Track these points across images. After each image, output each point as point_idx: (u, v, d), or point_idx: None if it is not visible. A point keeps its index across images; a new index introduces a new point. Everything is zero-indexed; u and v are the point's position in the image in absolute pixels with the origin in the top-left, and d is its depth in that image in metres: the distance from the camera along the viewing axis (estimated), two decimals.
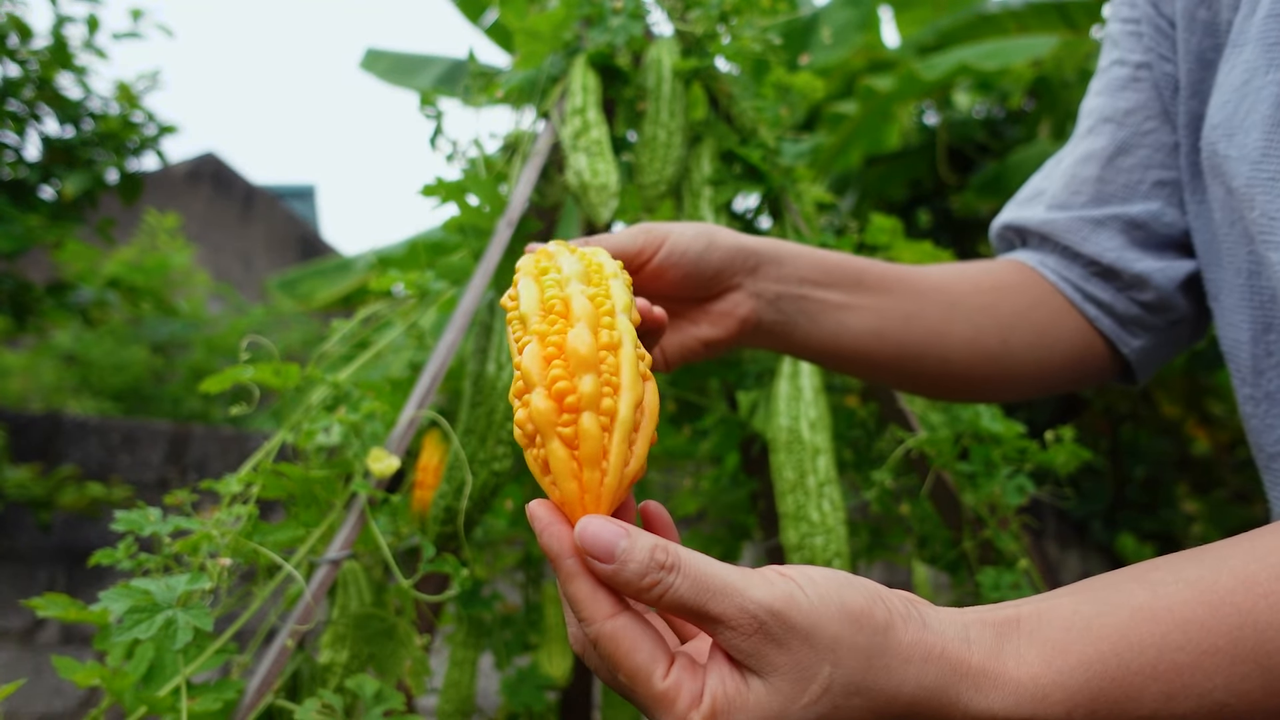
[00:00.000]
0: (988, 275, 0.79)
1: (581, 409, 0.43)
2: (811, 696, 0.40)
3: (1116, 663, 0.44)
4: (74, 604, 0.75)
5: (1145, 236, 0.77)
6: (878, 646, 0.41)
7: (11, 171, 2.82)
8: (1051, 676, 0.43)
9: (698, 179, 1.13)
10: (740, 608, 0.40)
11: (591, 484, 0.43)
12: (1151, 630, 0.44)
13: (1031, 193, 0.86)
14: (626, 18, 1.14)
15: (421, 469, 1.05)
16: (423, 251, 1.14)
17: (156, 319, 5.17)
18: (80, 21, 2.83)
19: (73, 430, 3.21)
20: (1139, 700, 0.43)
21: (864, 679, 0.41)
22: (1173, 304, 0.79)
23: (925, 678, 0.42)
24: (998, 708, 0.43)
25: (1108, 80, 0.80)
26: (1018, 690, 0.43)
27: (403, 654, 0.89)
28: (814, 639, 0.40)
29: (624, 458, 0.44)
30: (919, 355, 0.75)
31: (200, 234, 8.88)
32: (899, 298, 0.74)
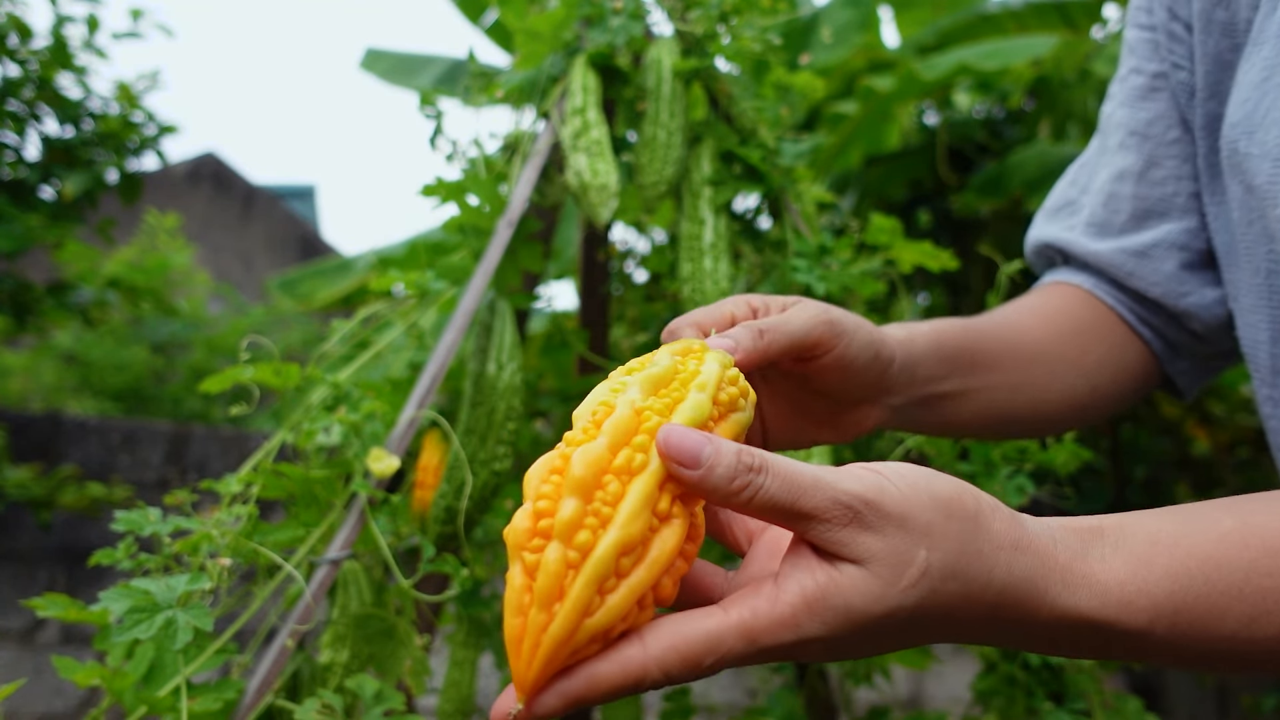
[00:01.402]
0: (1067, 319, 0.78)
1: (551, 537, 0.37)
2: (910, 580, 0.39)
3: (1203, 579, 0.44)
4: (74, 604, 0.75)
5: (1191, 257, 0.77)
6: (969, 532, 0.41)
7: (11, 171, 2.82)
8: (1137, 584, 0.43)
9: (698, 179, 1.13)
10: (833, 499, 0.39)
11: (533, 627, 0.36)
12: (1240, 554, 0.44)
13: (1063, 202, 0.85)
14: (626, 18, 1.14)
15: (422, 469, 1.05)
16: (423, 251, 1.14)
17: (157, 319, 5.17)
18: (80, 21, 2.83)
19: (73, 430, 3.21)
20: (1222, 619, 0.43)
21: (958, 563, 0.40)
22: (1220, 338, 0.79)
23: (1015, 566, 0.42)
24: (1084, 607, 0.42)
25: (1128, 90, 0.80)
26: (1104, 593, 0.43)
27: (403, 654, 0.89)
28: (908, 525, 0.40)
29: (584, 605, 0.36)
30: (1018, 420, 0.75)
31: (200, 234, 8.88)
32: (1006, 372, 0.72)
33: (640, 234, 1.37)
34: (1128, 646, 0.44)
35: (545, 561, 0.37)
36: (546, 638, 0.36)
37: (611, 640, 0.38)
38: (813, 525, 0.40)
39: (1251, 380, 0.71)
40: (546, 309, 1.29)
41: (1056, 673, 1.01)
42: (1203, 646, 0.44)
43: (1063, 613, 0.42)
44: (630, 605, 0.38)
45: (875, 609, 0.39)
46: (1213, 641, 0.44)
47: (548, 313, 1.63)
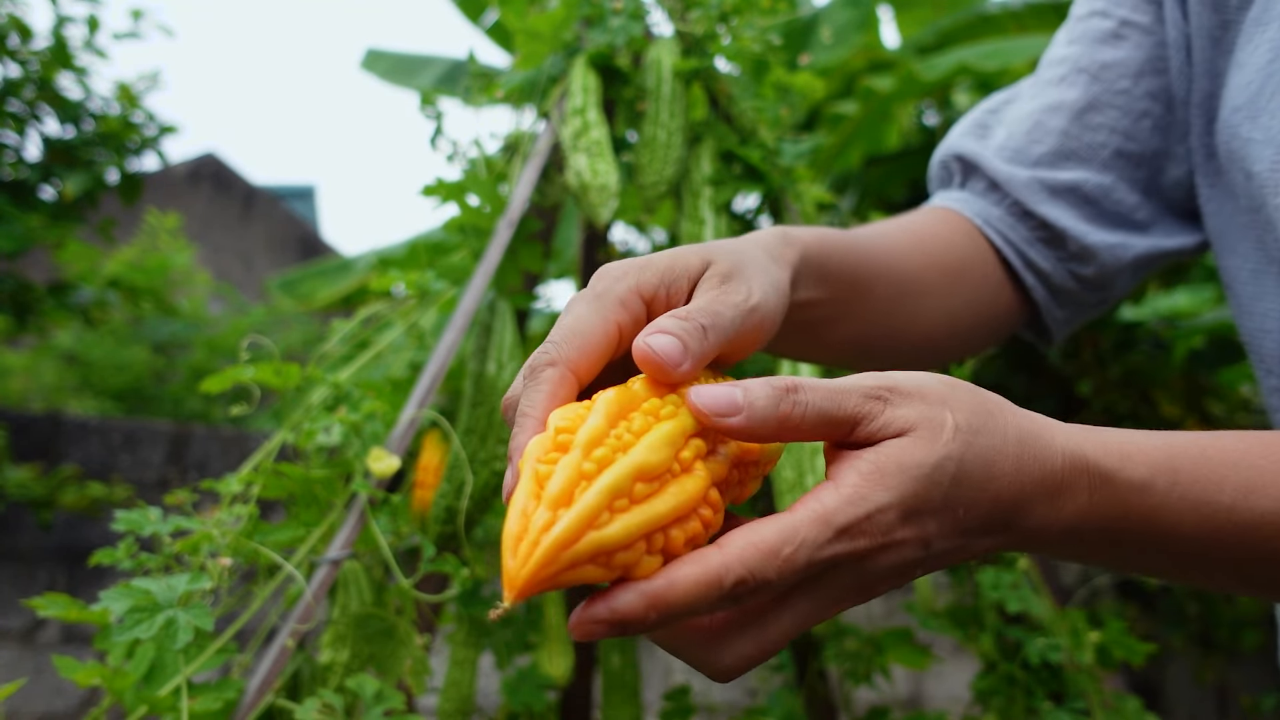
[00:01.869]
0: (948, 252, 0.74)
1: (569, 449, 0.37)
2: (949, 434, 0.42)
3: (1198, 451, 0.46)
4: (75, 604, 0.75)
5: (1096, 212, 0.75)
6: (978, 398, 0.44)
7: (12, 171, 2.82)
8: (1136, 443, 0.46)
9: (698, 179, 1.13)
10: (864, 393, 0.42)
11: (535, 526, 0.35)
12: (1234, 443, 0.47)
13: (983, 122, 0.81)
14: (626, 18, 1.14)
15: (422, 469, 1.05)
16: (423, 252, 1.14)
17: (157, 319, 5.17)
18: (80, 22, 2.83)
19: (73, 430, 3.21)
20: (1220, 486, 0.45)
21: (978, 419, 0.43)
22: (1110, 283, 0.77)
23: (1023, 421, 0.45)
24: (1088, 449, 0.45)
25: (1085, 30, 0.77)
26: (1104, 444, 0.46)
27: (403, 654, 0.89)
28: (928, 397, 0.43)
29: (593, 513, 0.35)
30: (876, 352, 0.74)
31: (200, 234, 8.88)
32: (878, 299, 0.69)
33: (640, 234, 1.37)
34: (1131, 506, 0.45)
35: (559, 466, 0.36)
36: (548, 537, 0.34)
37: (613, 568, 0.36)
38: (857, 427, 0.42)
39: (1254, 370, 0.70)
40: (546, 309, 1.30)
41: (1056, 672, 1.01)
42: (1204, 517, 0.45)
43: (1070, 453, 0.44)
44: (638, 532, 0.36)
45: (929, 459, 0.41)
46: (1213, 512, 0.45)
47: (548, 313, 1.63)
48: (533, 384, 0.43)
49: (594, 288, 0.46)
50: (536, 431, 0.41)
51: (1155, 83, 0.74)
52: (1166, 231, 0.77)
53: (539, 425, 0.41)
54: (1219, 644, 3.04)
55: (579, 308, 0.45)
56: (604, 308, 0.45)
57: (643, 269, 0.47)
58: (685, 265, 0.48)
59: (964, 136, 0.81)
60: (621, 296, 0.46)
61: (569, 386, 0.43)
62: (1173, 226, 0.77)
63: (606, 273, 0.47)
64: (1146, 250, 0.76)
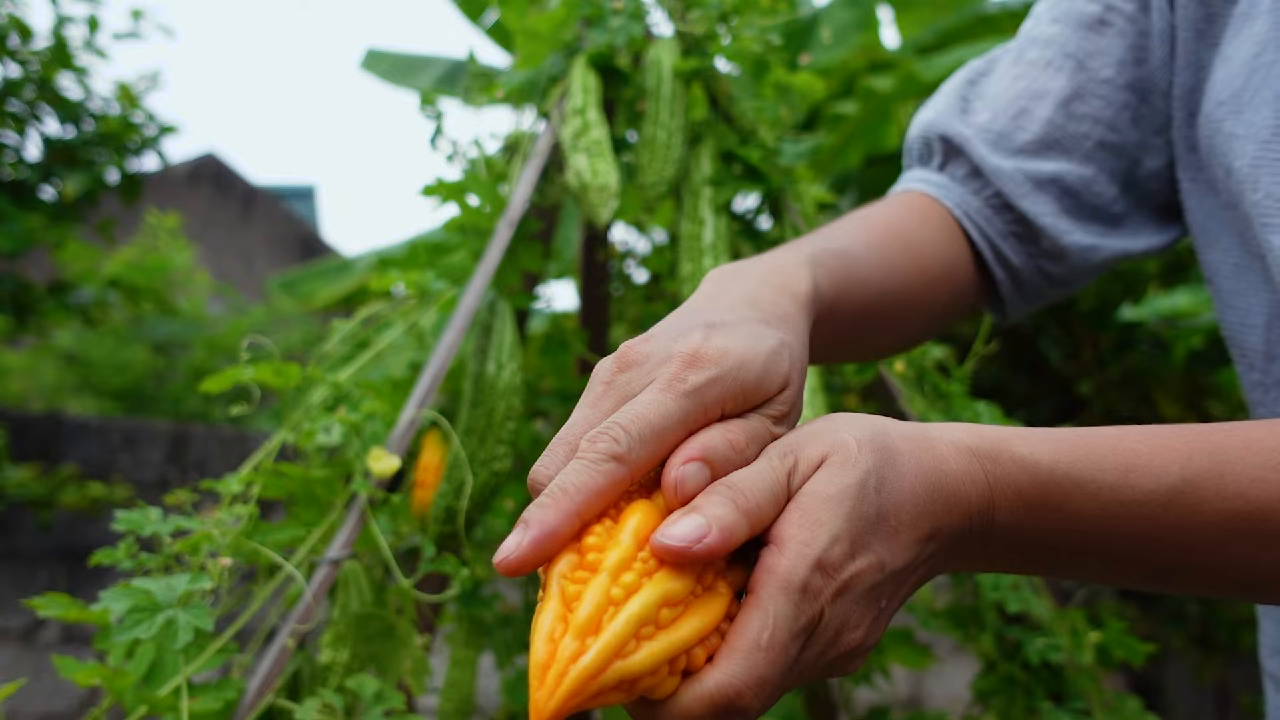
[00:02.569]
0: (936, 259, 0.73)
1: (598, 571, 0.37)
2: (860, 453, 0.42)
3: (1076, 436, 0.47)
4: (74, 604, 0.75)
5: (1074, 205, 0.75)
6: (857, 418, 0.45)
7: (12, 171, 2.82)
8: (1015, 430, 0.47)
9: (698, 179, 1.13)
10: (778, 461, 0.42)
11: (563, 655, 0.35)
12: (1110, 432, 0.47)
13: (964, 95, 0.79)
14: (626, 18, 1.14)
15: (422, 469, 1.05)
16: (423, 252, 1.14)
17: (157, 319, 5.18)
18: (80, 22, 2.83)
19: (73, 430, 3.21)
20: (1100, 466, 0.45)
21: (868, 433, 0.43)
22: (1075, 280, 0.77)
23: (900, 426, 0.46)
24: (966, 439, 0.45)
25: (1069, 10, 0.75)
26: (979, 431, 0.46)
27: (403, 654, 0.89)
28: (818, 431, 0.43)
29: (620, 643, 0.35)
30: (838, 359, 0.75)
31: (200, 234, 8.88)
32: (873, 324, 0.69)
33: (640, 234, 1.37)
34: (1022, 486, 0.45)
35: (589, 590, 0.36)
36: (576, 668, 0.35)
37: (636, 692, 0.37)
38: (791, 485, 0.42)
39: (1236, 364, 0.69)
40: (546, 309, 1.30)
41: (1056, 672, 1.01)
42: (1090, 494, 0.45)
43: (955, 444, 0.45)
44: (663, 659, 0.36)
45: (850, 480, 0.41)
46: (1098, 489, 0.45)
47: (548, 313, 1.63)
48: (589, 467, 0.40)
49: (685, 379, 0.42)
50: (569, 522, 0.39)
51: (1135, 73, 0.73)
52: (1137, 229, 0.77)
53: (575, 519, 0.39)
54: (1219, 644, 3.04)
55: (665, 402, 0.41)
56: (689, 412, 0.42)
57: (737, 376, 0.44)
58: (768, 389, 0.45)
59: (947, 113, 0.79)
60: (708, 405, 0.42)
61: (622, 487, 0.40)
62: (1144, 223, 0.77)
63: (701, 362, 0.43)
64: (1116, 253, 0.76)
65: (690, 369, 0.42)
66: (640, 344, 0.45)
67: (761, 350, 0.45)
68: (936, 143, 0.78)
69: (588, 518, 0.40)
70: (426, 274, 1.03)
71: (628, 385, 0.44)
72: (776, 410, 0.46)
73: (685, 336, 0.44)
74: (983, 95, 0.78)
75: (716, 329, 0.45)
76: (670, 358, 0.43)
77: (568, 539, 0.39)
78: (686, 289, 1.09)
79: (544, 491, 0.40)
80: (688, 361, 0.43)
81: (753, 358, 0.44)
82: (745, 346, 0.45)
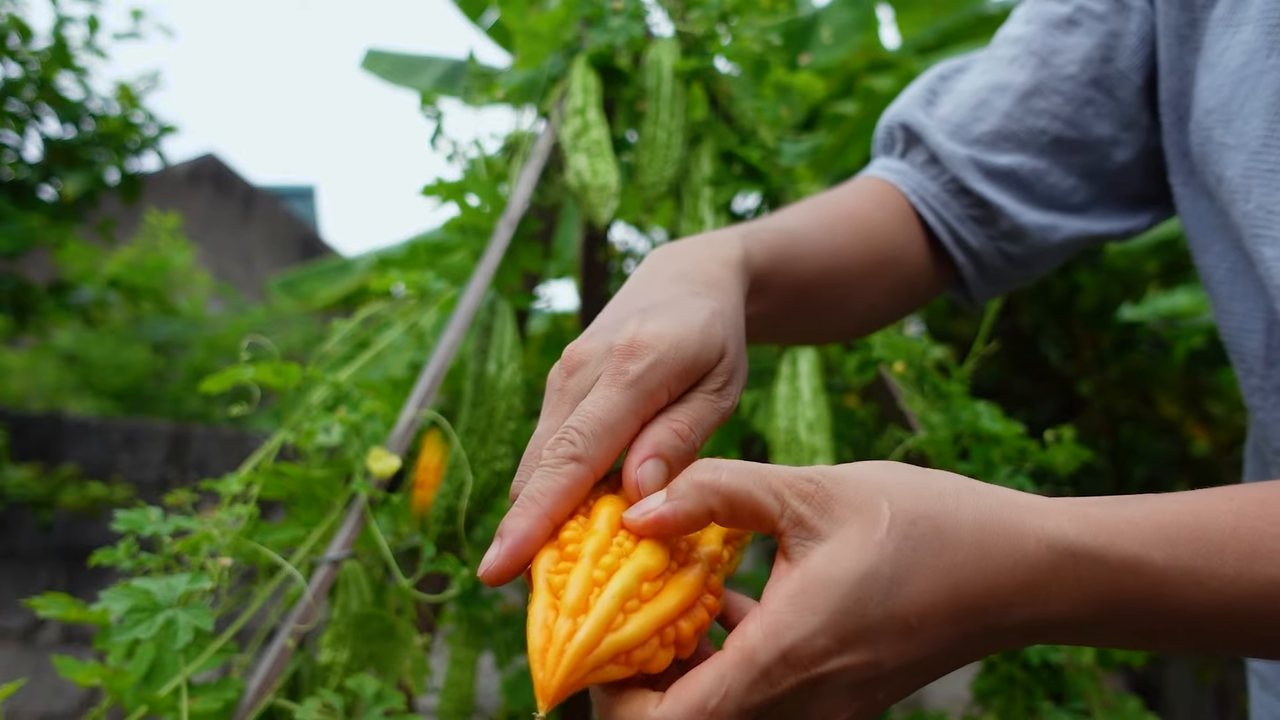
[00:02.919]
0: (884, 240, 0.74)
1: (579, 559, 0.40)
2: (882, 532, 0.38)
3: (1191, 519, 0.42)
4: (74, 604, 0.75)
5: (1029, 195, 0.76)
6: (920, 481, 0.41)
7: (12, 171, 2.82)
8: (1124, 515, 0.41)
9: (698, 179, 1.13)
10: (791, 470, 0.40)
11: (559, 636, 0.37)
12: (1227, 504, 0.43)
13: (933, 88, 0.81)
14: (626, 18, 1.14)
15: (422, 469, 1.05)
16: (423, 252, 1.14)
17: (157, 319, 5.18)
18: (80, 22, 2.83)
19: (73, 430, 3.21)
20: (1221, 555, 0.41)
21: (918, 505, 0.39)
22: (1037, 260, 0.78)
23: (981, 501, 0.41)
24: (1070, 532, 0.40)
25: (1041, 12, 0.77)
26: (1088, 521, 0.41)
27: (403, 654, 0.89)
28: (861, 482, 0.40)
29: (609, 618, 0.37)
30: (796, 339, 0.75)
31: (201, 234, 8.89)
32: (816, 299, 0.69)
33: (640, 234, 1.37)
34: (1126, 587, 0.41)
35: (573, 576, 0.39)
36: (571, 645, 0.37)
37: (632, 665, 0.39)
38: (784, 502, 0.40)
39: (1235, 369, 0.69)
40: (546, 309, 1.30)
41: (1056, 672, 1.01)
42: (1209, 591, 0.41)
43: (1050, 539, 0.40)
44: (651, 629, 0.38)
45: (858, 569, 0.38)
46: (1219, 585, 0.41)
47: (548, 313, 1.63)
48: (551, 473, 0.41)
49: (626, 370, 0.44)
50: (541, 525, 0.41)
51: (1102, 70, 0.74)
52: (1101, 215, 0.78)
53: (547, 521, 0.41)
54: None
55: (611, 396, 0.43)
56: (636, 401, 0.43)
57: (676, 356, 0.45)
58: (709, 360, 0.47)
59: (911, 104, 0.81)
60: (653, 390, 0.44)
61: (587, 485, 0.42)
62: (1109, 210, 0.78)
63: (638, 351, 0.44)
64: (1076, 233, 0.77)
65: (629, 359, 0.44)
66: (582, 343, 0.47)
67: (695, 325, 0.46)
68: (898, 131, 0.80)
69: (559, 519, 0.42)
70: (426, 274, 1.03)
71: (578, 387, 0.45)
72: (717, 383, 0.47)
73: (622, 328, 0.46)
74: (950, 90, 0.80)
75: (649, 313, 0.47)
76: (610, 352, 0.45)
77: (542, 541, 0.41)
78: None
79: (515, 503, 0.42)
80: (626, 353, 0.44)
81: (687, 334, 0.46)
82: (679, 325, 0.46)
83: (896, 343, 1.15)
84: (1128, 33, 0.73)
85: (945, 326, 3.36)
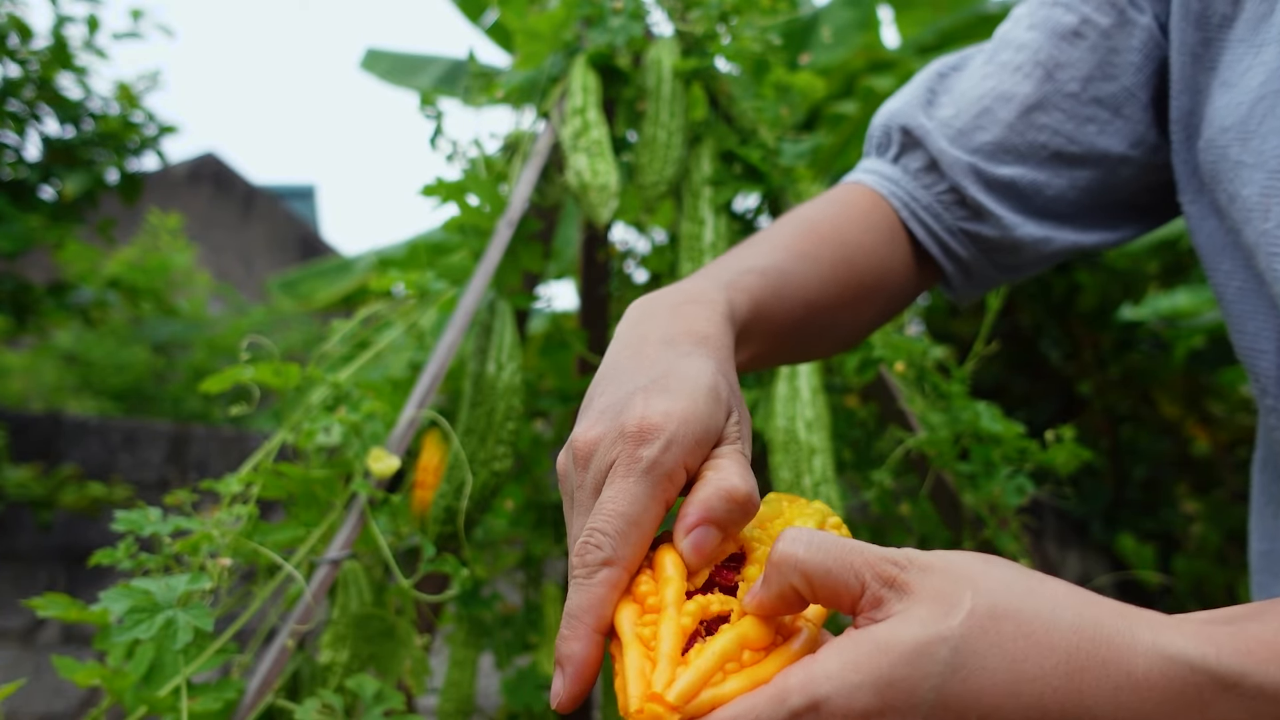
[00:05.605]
0: (875, 264, 0.73)
1: (662, 609, 0.41)
2: (956, 620, 0.36)
3: None
4: (74, 604, 0.75)
5: (1025, 205, 0.75)
6: (1019, 575, 0.38)
7: (12, 171, 2.82)
8: (1255, 635, 0.36)
9: (698, 179, 1.13)
10: (879, 552, 0.39)
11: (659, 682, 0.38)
12: None
13: (932, 87, 0.80)
14: (626, 18, 1.14)
15: (422, 469, 1.05)
16: (423, 252, 1.14)
17: (157, 319, 5.18)
18: (80, 21, 2.83)
19: (73, 430, 3.21)
20: None
21: (1010, 601, 0.36)
22: (1025, 267, 0.78)
23: (1084, 608, 0.37)
24: (1192, 650, 0.35)
25: (1046, 18, 0.75)
26: (1209, 638, 0.36)
27: (403, 654, 0.89)
28: (950, 571, 0.38)
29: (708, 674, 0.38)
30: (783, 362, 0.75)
31: (201, 234, 8.89)
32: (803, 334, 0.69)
33: (640, 234, 1.37)
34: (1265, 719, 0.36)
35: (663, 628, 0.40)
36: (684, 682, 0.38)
37: None
38: (864, 582, 0.38)
39: (1251, 387, 0.69)
40: (546, 309, 1.30)
41: None
42: None
43: (1165, 651, 0.35)
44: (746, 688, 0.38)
45: (915, 642, 0.36)
46: None
47: (548, 313, 1.63)
48: (587, 584, 0.41)
49: (640, 457, 0.43)
50: (594, 641, 0.41)
51: (1104, 89, 0.73)
52: (1092, 225, 0.78)
53: (597, 637, 0.41)
54: None
55: (630, 487, 0.43)
56: (655, 487, 0.43)
57: (686, 433, 0.44)
58: (717, 428, 0.46)
59: (911, 104, 0.79)
60: (671, 471, 0.43)
61: (623, 584, 0.42)
62: (1101, 220, 0.78)
63: (650, 434, 0.43)
64: (1068, 244, 0.77)
65: (642, 446, 0.43)
66: (588, 430, 0.46)
67: (700, 396, 0.45)
68: (896, 133, 0.79)
69: (606, 629, 0.42)
70: (426, 274, 1.03)
71: (594, 481, 0.44)
72: (733, 437, 0.47)
73: (627, 410, 0.45)
74: (950, 90, 0.79)
75: (652, 391, 0.45)
76: (621, 437, 0.44)
77: (599, 659, 0.42)
78: None
79: (561, 625, 0.42)
80: (638, 439, 0.43)
81: (693, 407, 0.45)
82: (684, 398, 0.45)
83: (896, 343, 1.15)
84: (1130, 49, 0.72)
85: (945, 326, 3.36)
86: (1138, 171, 0.75)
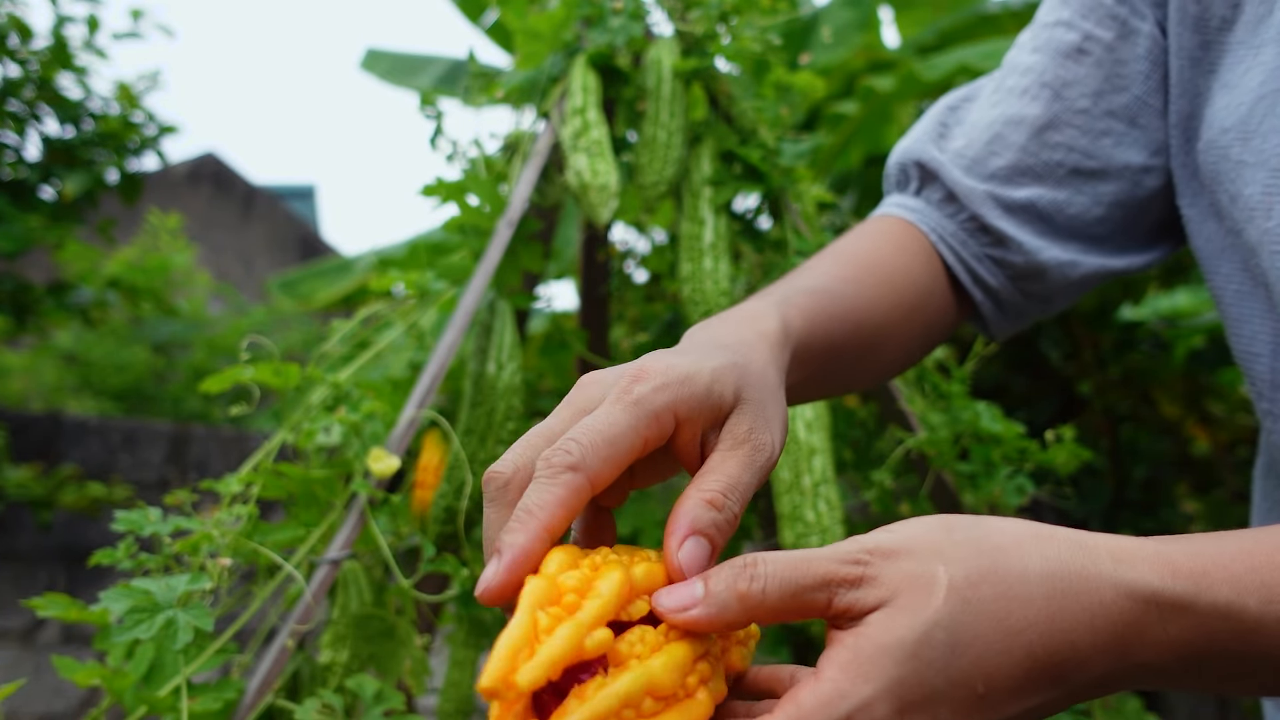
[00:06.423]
0: (912, 287, 0.73)
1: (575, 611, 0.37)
2: (939, 599, 0.37)
3: (1272, 545, 0.39)
4: (74, 604, 0.75)
5: (1049, 228, 0.75)
6: (979, 537, 0.39)
7: (12, 171, 2.82)
8: (1209, 556, 0.39)
9: (698, 179, 1.13)
10: (836, 557, 0.38)
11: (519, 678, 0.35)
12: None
13: (943, 121, 0.80)
14: (626, 18, 1.14)
15: (422, 469, 1.05)
16: (423, 252, 1.14)
17: (157, 319, 5.18)
18: (80, 21, 2.83)
19: (73, 430, 3.21)
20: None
21: (980, 565, 0.38)
22: (1055, 297, 0.78)
23: (1049, 551, 0.39)
24: (1154, 581, 0.38)
25: (1049, 39, 0.76)
26: (1172, 567, 0.39)
27: (403, 654, 0.89)
28: (915, 551, 0.38)
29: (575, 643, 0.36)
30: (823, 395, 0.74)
31: (201, 234, 8.89)
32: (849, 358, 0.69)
33: (640, 234, 1.37)
34: (1216, 633, 0.38)
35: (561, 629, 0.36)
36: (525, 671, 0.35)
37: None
38: (832, 599, 0.38)
39: (1249, 390, 0.69)
40: (546, 309, 1.30)
41: None
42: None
43: (1131, 587, 0.38)
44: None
45: (912, 635, 0.36)
46: None
47: (548, 313, 1.63)
48: (548, 482, 0.40)
49: (631, 390, 0.43)
50: (540, 539, 0.39)
51: (1116, 101, 0.73)
52: (1119, 248, 0.77)
53: (545, 534, 0.39)
54: None
55: (614, 412, 0.42)
56: (638, 419, 0.42)
57: (683, 385, 0.44)
58: (720, 397, 0.45)
59: (923, 139, 0.80)
60: (657, 411, 0.43)
61: (584, 497, 0.41)
62: (1128, 242, 0.77)
63: (647, 375, 0.44)
64: (1095, 269, 0.76)
65: (637, 382, 0.43)
66: (598, 371, 0.46)
67: (707, 365, 0.45)
68: (912, 168, 0.79)
69: (557, 532, 0.40)
70: (426, 274, 1.03)
71: (583, 401, 0.45)
72: (741, 431, 0.45)
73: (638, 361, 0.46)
74: (961, 122, 0.79)
75: (665, 352, 0.46)
76: (621, 375, 0.44)
77: (540, 556, 0.39)
78: (686, 289, 1.09)
79: (511, 517, 0.40)
80: (635, 376, 0.44)
81: (698, 371, 0.45)
82: (691, 361, 0.45)
83: None
84: (1136, 58, 0.72)
85: None
86: (1164, 181, 0.74)
